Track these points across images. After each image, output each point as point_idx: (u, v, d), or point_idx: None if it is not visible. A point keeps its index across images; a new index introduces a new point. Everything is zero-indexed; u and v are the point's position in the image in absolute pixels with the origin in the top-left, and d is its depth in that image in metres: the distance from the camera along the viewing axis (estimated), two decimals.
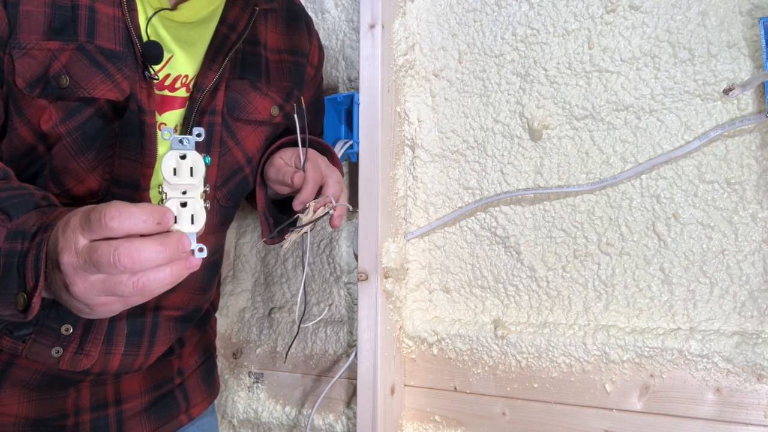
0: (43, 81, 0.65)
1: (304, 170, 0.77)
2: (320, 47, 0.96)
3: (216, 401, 1.21)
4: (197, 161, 0.51)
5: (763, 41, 0.75)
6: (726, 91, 0.73)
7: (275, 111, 0.84)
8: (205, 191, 0.52)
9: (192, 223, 0.51)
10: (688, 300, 0.82)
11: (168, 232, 0.49)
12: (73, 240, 0.49)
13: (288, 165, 0.81)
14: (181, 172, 0.51)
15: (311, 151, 0.81)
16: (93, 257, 0.47)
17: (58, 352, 0.70)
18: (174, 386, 0.87)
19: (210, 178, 0.78)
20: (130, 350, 0.76)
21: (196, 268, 0.51)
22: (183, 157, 0.51)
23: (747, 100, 0.79)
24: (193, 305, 0.84)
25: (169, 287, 0.50)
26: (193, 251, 0.50)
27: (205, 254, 0.51)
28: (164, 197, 0.51)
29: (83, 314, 0.53)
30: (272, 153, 0.85)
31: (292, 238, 0.77)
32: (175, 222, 0.50)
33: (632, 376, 0.82)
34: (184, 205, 0.51)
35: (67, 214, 0.52)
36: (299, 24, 0.92)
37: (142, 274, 0.48)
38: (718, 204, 0.80)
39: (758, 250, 0.78)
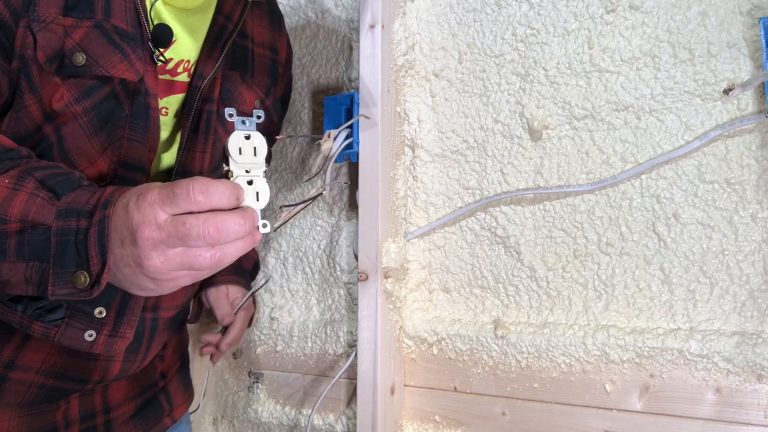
0: (59, 57, 0.64)
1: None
2: (288, 45, 0.97)
3: (215, 402, 1.21)
4: (261, 142, 0.55)
5: (763, 41, 0.75)
6: (726, 91, 0.73)
7: (258, 104, 0.86)
8: (265, 171, 0.55)
9: (257, 200, 0.54)
10: (688, 300, 0.82)
11: (242, 208, 0.52)
12: (153, 214, 0.49)
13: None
14: (245, 151, 0.54)
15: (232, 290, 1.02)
16: (180, 230, 0.48)
17: (91, 335, 0.69)
18: (158, 390, 0.87)
19: (204, 166, 0.79)
20: (129, 355, 0.76)
21: (258, 243, 0.53)
22: (247, 137, 0.55)
23: (747, 100, 0.79)
24: (184, 303, 0.85)
25: (233, 261, 0.52)
26: (257, 227, 0.53)
27: (269, 230, 0.54)
28: (230, 176, 0.54)
29: (143, 291, 0.53)
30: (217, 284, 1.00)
31: (283, 216, 0.79)
32: None
33: (632, 376, 0.82)
34: (249, 183, 0.54)
35: (126, 191, 0.53)
36: (277, 19, 0.94)
37: (219, 247, 0.50)
38: (718, 204, 0.80)
39: (758, 250, 0.78)
